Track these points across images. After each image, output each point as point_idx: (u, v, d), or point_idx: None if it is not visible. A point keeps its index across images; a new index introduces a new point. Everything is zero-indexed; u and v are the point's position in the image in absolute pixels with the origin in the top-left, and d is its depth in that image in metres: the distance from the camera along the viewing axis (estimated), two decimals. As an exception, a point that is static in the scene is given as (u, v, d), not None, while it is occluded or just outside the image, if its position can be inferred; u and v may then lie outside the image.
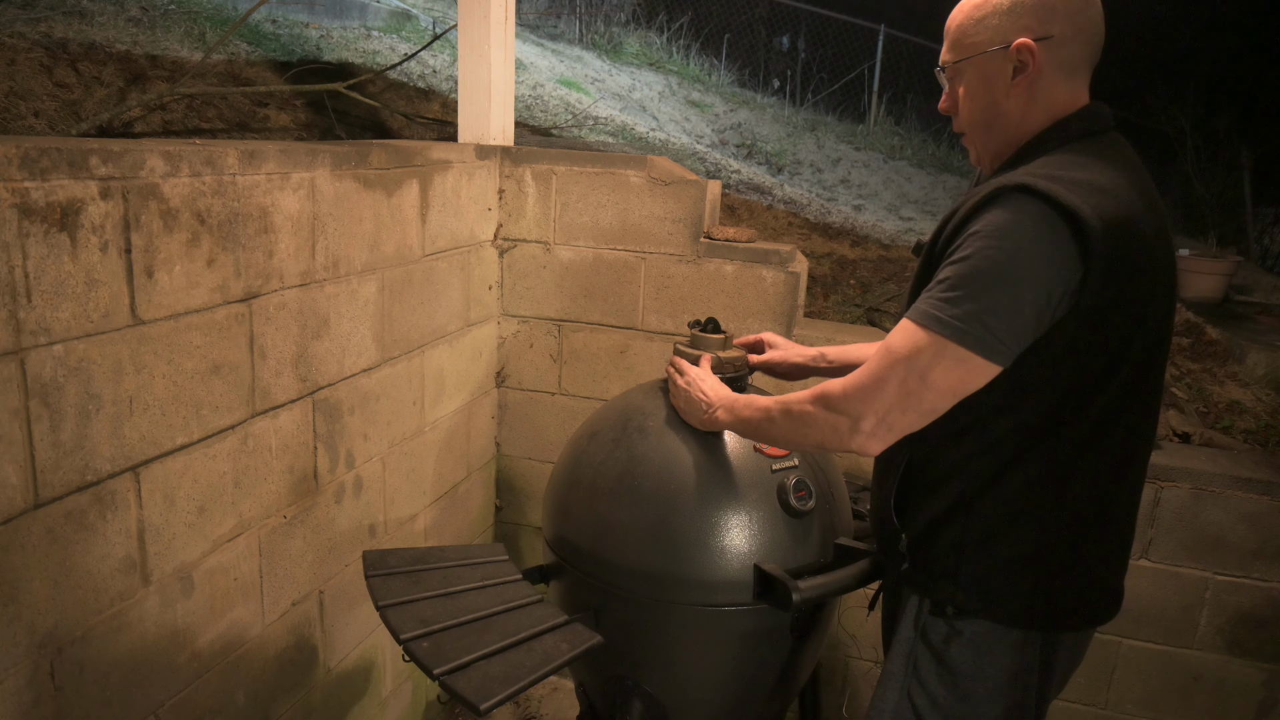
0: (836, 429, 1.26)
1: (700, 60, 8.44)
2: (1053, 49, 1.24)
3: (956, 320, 1.14)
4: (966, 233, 1.18)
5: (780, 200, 4.25)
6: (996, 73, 1.28)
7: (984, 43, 1.28)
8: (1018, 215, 1.14)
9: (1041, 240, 1.12)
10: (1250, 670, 2.28)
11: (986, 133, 1.33)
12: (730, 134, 6.33)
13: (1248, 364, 2.99)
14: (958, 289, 1.15)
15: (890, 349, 1.20)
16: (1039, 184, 1.13)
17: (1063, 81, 1.27)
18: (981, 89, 1.31)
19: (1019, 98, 1.28)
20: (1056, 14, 1.24)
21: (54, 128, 2.15)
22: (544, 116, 4.51)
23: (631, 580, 1.60)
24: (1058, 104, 1.28)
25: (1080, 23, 1.25)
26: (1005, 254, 1.13)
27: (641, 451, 1.65)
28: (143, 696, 1.47)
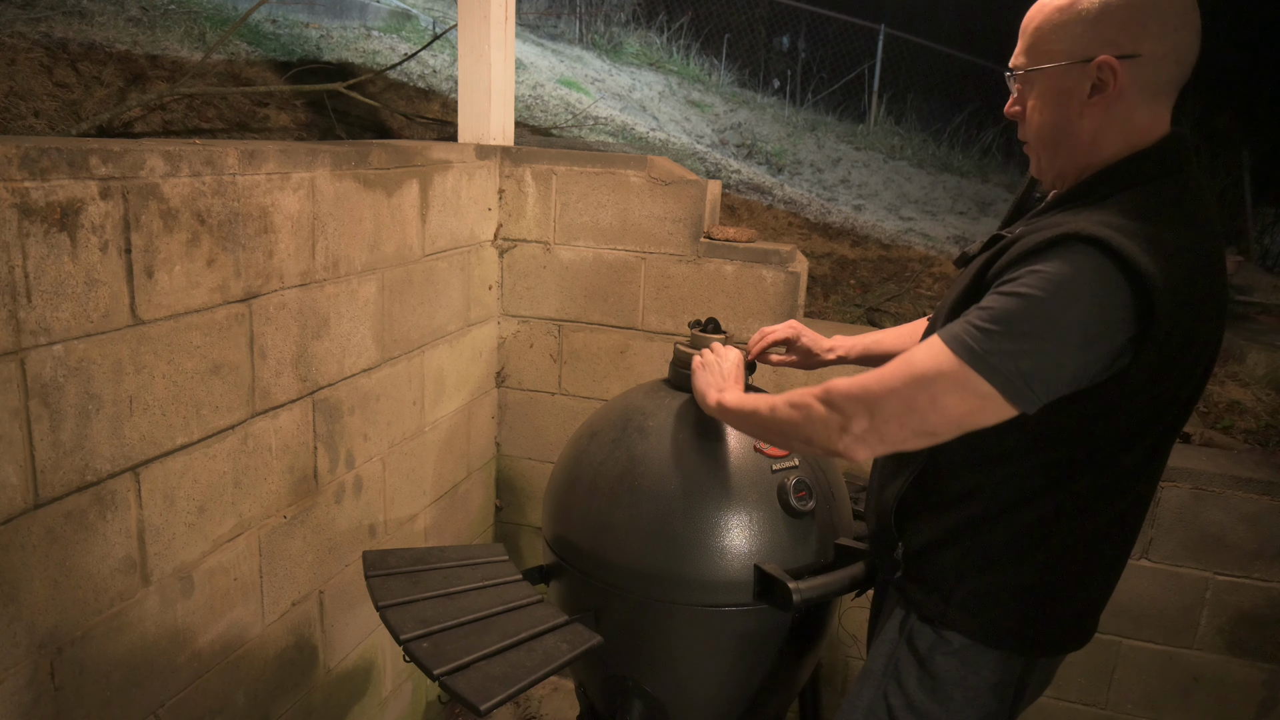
0: (828, 425, 1.20)
1: (700, 60, 8.44)
2: (1138, 69, 1.11)
3: (990, 355, 1.07)
4: (1025, 268, 1.10)
5: (780, 200, 4.25)
6: (1072, 88, 1.15)
7: (1062, 53, 1.15)
8: (1083, 267, 1.05)
9: (1101, 299, 1.05)
10: (1250, 670, 2.28)
11: (1053, 150, 1.22)
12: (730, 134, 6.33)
13: (1248, 364, 2.99)
14: (999, 323, 1.08)
15: (911, 362, 1.15)
16: (1113, 239, 1.04)
17: (1144, 105, 1.15)
18: (1053, 103, 1.19)
19: (1093, 118, 1.16)
20: (1149, 30, 1.10)
21: (54, 128, 2.15)
22: (544, 116, 4.51)
23: (631, 580, 1.60)
24: (1136, 130, 1.16)
25: (1174, 41, 1.11)
26: (1059, 302, 1.05)
27: (641, 451, 1.65)
28: (143, 696, 1.47)
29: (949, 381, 1.10)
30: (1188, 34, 1.12)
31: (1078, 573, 1.28)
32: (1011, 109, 1.27)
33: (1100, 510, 1.24)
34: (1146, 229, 1.07)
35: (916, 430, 1.15)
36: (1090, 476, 1.21)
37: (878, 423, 1.16)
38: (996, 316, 1.09)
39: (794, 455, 1.67)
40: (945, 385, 1.11)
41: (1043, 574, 1.26)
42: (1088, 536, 1.26)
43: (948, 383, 1.11)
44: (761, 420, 1.35)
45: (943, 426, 1.14)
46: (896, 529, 1.37)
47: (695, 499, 1.58)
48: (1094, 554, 1.28)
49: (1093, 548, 1.27)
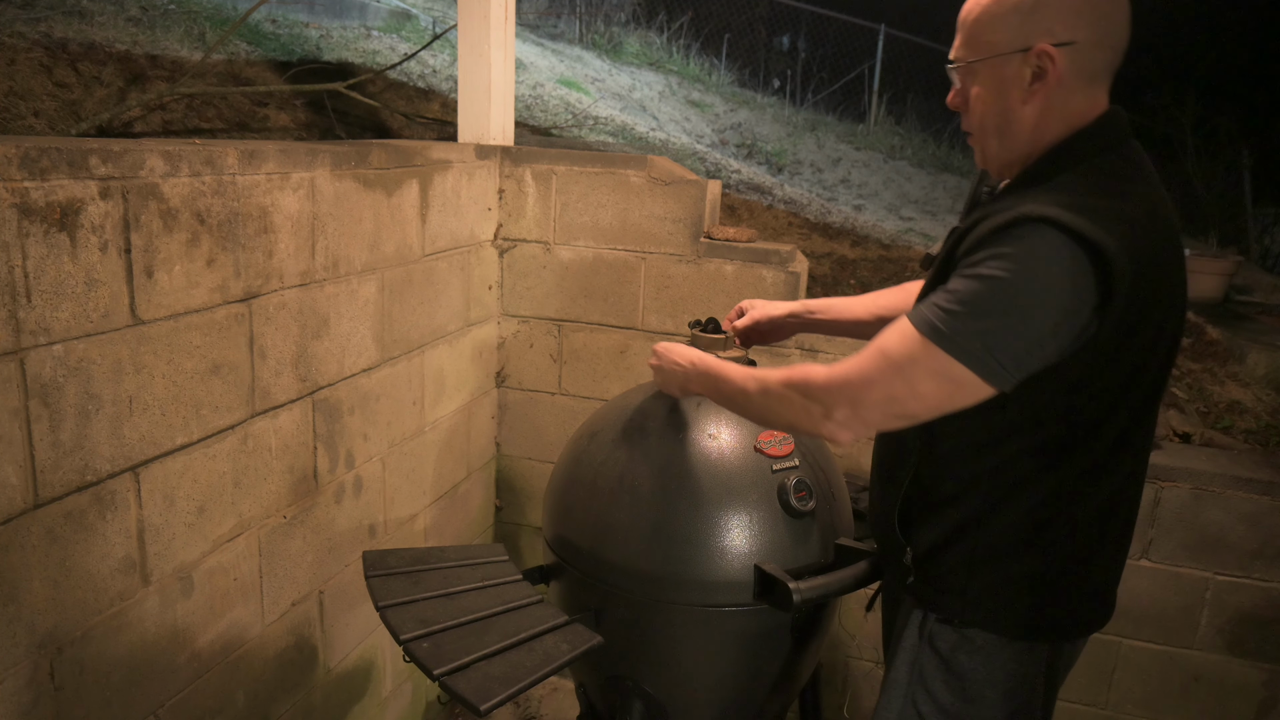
0: (809, 414, 1.24)
1: (700, 60, 8.44)
2: (1075, 55, 1.16)
3: (958, 336, 1.10)
4: (985, 251, 1.13)
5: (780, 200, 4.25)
6: (1013, 77, 1.19)
7: (1002, 43, 1.19)
8: (1038, 246, 1.08)
9: (1061, 274, 1.08)
10: (1250, 670, 2.28)
11: (999, 139, 1.26)
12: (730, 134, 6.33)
13: (1248, 364, 2.99)
14: (965, 304, 1.11)
15: (884, 351, 1.17)
16: (1063, 217, 1.08)
17: (1082, 90, 1.19)
18: (995, 93, 1.22)
19: (1035, 105, 1.20)
20: (1083, 17, 1.15)
21: (54, 128, 2.15)
22: (544, 116, 4.51)
23: (632, 580, 1.60)
24: (1075, 113, 1.20)
25: (1106, 27, 1.17)
26: (1021, 280, 1.09)
27: (642, 451, 1.65)
28: (143, 696, 1.47)
29: (925, 368, 1.13)
30: (1119, 19, 1.18)
31: (1085, 553, 1.29)
32: (954, 101, 1.31)
33: (1095, 488, 1.25)
34: (1095, 202, 1.11)
35: (897, 415, 1.19)
36: (1079, 454, 1.22)
37: (859, 410, 1.20)
38: (962, 297, 1.12)
39: (794, 455, 1.67)
40: (920, 371, 1.14)
41: (1051, 559, 1.27)
42: (1088, 516, 1.27)
43: (922, 369, 1.14)
44: (743, 401, 1.39)
45: (922, 410, 1.18)
46: (902, 534, 1.37)
47: (695, 499, 1.58)
48: (1098, 533, 1.29)
49: (1095, 527, 1.28)
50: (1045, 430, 1.22)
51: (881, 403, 1.18)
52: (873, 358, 1.18)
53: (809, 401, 1.24)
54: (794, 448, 1.67)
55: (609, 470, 1.66)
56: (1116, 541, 1.34)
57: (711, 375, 1.47)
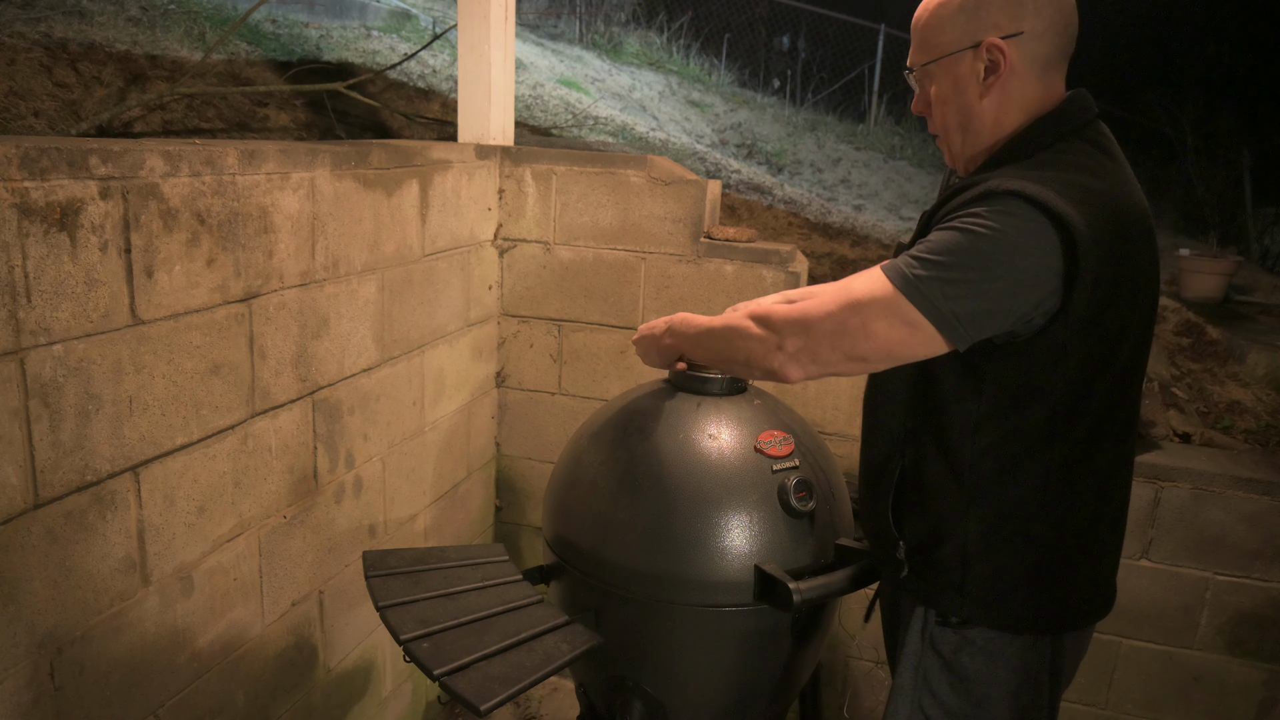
0: (764, 344, 1.25)
1: (700, 60, 8.44)
2: (1024, 45, 1.20)
3: (921, 283, 1.13)
4: (957, 215, 1.17)
5: (780, 200, 4.25)
6: (967, 74, 1.24)
7: (951, 43, 1.24)
8: (1006, 215, 1.11)
9: (1028, 244, 1.11)
10: (1250, 670, 2.28)
11: (962, 135, 1.29)
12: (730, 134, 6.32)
13: (1248, 364, 2.99)
14: (934, 253, 1.14)
15: (849, 287, 1.20)
16: (1028, 188, 1.11)
17: (1036, 79, 1.23)
18: (953, 91, 1.26)
19: (993, 99, 1.24)
20: (1025, 8, 1.19)
21: (54, 128, 2.15)
22: (544, 116, 4.51)
23: (632, 581, 1.60)
24: (1033, 101, 1.24)
25: (1050, 14, 1.20)
26: (989, 241, 1.11)
27: (642, 451, 1.65)
28: (143, 696, 1.47)
29: (880, 307, 1.15)
30: (1064, 6, 1.21)
31: (1077, 543, 1.29)
32: (918, 106, 1.35)
33: (1080, 476, 1.25)
34: (1059, 176, 1.14)
35: (848, 354, 1.20)
36: (1059, 441, 1.22)
37: (811, 343, 1.21)
38: (931, 248, 1.15)
39: (794, 455, 1.67)
40: (877, 310, 1.16)
41: (1045, 548, 1.27)
42: (1077, 505, 1.27)
43: (879, 308, 1.15)
44: (708, 339, 1.41)
45: (873, 352, 1.18)
46: (895, 528, 1.37)
47: (695, 499, 1.58)
48: (1089, 522, 1.29)
49: (1085, 516, 1.29)
50: (1021, 416, 1.22)
51: (832, 335, 1.19)
52: (835, 292, 1.21)
53: (766, 332, 1.25)
54: (794, 448, 1.67)
55: (609, 470, 1.66)
56: (1110, 530, 1.35)
57: (679, 323, 1.51)
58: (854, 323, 1.17)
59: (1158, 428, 2.45)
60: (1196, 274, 3.88)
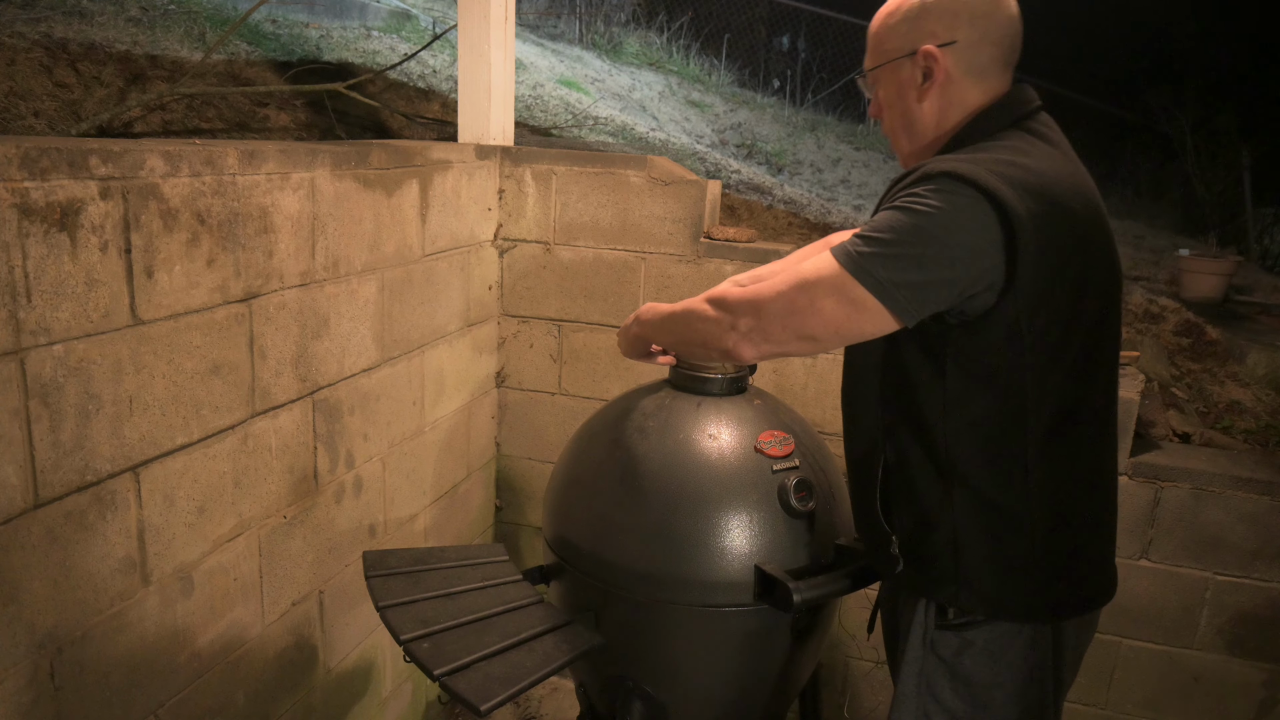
0: (719, 324, 1.30)
1: (700, 60, 8.44)
2: (959, 54, 1.27)
3: (863, 259, 1.17)
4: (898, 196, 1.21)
5: (780, 200, 4.25)
6: (908, 79, 1.31)
7: (894, 50, 1.32)
8: (944, 193, 1.16)
9: (964, 218, 1.15)
10: (1250, 670, 2.28)
11: (907, 136, 1.37)
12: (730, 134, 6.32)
13: (1248, 364, 2.99)
14: (876, 231, 1.18)
15: (799, 269, 1.24)
16: (960, 168, 1.16)
17: (974, 84, 1.29)
18: (896, 95, 1.34)
19: (932, 102, 1.31)
20: (960, 19, 1.26)
21: (54, 128, 2.15)
22: (544, 116, 4.50)
23: (632, 581, 1.60)
24: (972, 105, 1.30)
25: (985, 26, 1.26)
26: (926, 217, 1.15)
27: (641, 451, 1.65)
28: (143, 696, 1.47)
29: (828, 285, 1.19)
30: (999, 17, 1.27)
31: (1071, 522, 1.30)
32: (873, 110, 1.43)
33: (1065, 453, 1.27)
34: (992, 158, 1.19)
35: (798, 332, 1.23)
36: (1035, 416, 1.23)
37: (763, 322, 1.25)
38: (875, 227, 1.19)
39: (794, 455, 1.67)
40: (824, 289, 1.19)
41: (1035, 531, 1.28)
42: (1065, 483, 1.28)
43: (827, 286, 1.19)
44: (669, 324, 1.47)
45: (821, 330, 1.22)
46: (886, 523, 1.38)
47: (695, 499, 1.58)
48: (1080, 500, 1.31)
49: (1075, 493, 1.30)
50: (987, 397, 1.24)
51: (782, 314, 1.23)
52: (786, 274, 1.25)
53: (721, 313, 1.30)
54: (794, 448, 1.67)
55: (609, 470, 1.66)
56: (1103, 510, 1.36)
57: (645, 312, 1.56)
58: (802, 301, 1.21)
59: (1158, 428, 2.45)
60: (1196, 274, 3.88)
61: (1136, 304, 3.33)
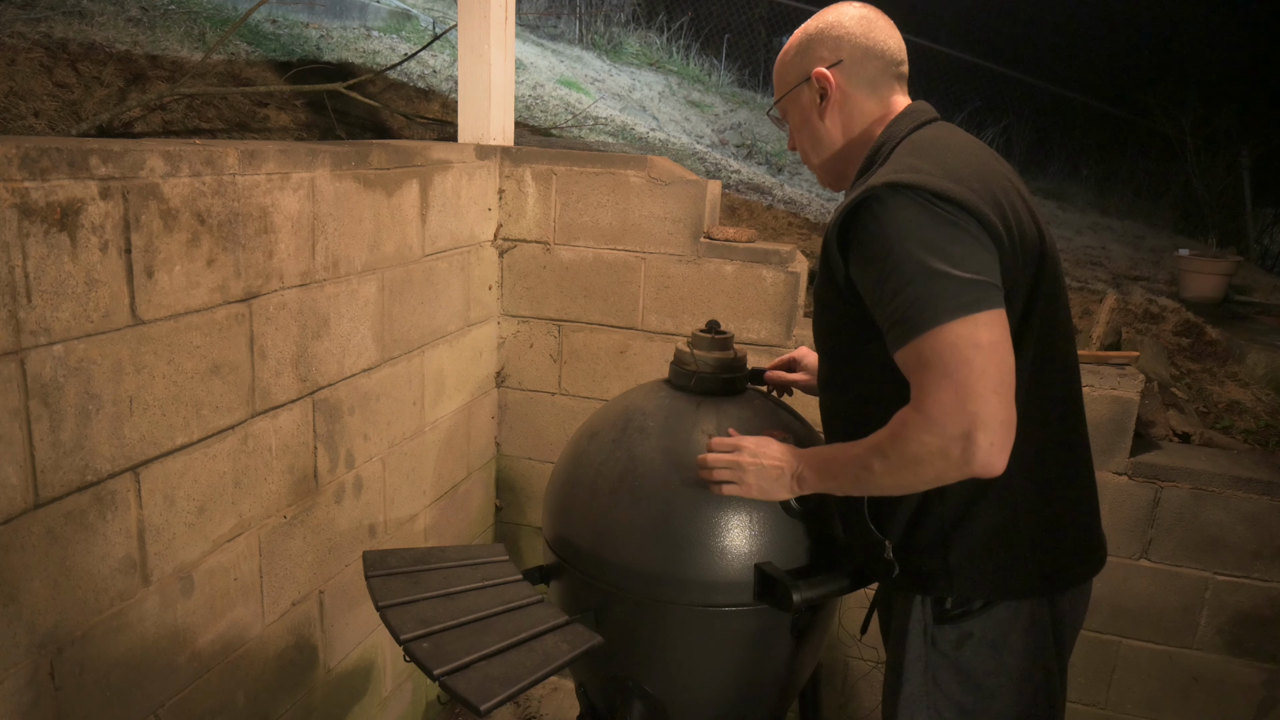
0: (946, 451, 1.14)
1: (700, 60, 8.43)
2: (847, 71, 1.41)
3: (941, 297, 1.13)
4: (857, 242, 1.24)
5: (780, 200, 4.25)
6: (809, 102, 1.45)
7: (792, 80, 1.47)
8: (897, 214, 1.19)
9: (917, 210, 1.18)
10: (1250, 670, 2.28)
11: (816, 154, 1.49)
12: (730, 134, 6.32)
13: (1248, 364, 2.99)
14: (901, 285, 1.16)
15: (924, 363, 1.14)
16: (900, 178, 1.20)
17: (869, 96, 1.42)
18: (801, 119, 1.48)
19: (832, 119, 1.44)
20: (842, 41, 1.41)
21: (54, 128, 2.15)
22: (544, 116, 4.51)
23: (632, 580, 1.60)
24: (870, 114, 1.42)
25: (865, 44, 1.40)
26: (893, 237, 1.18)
27: (642, 451, 1.65)
28: (143, 696, 1.47)
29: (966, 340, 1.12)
30: (877, 35, 1.41)
31: (1050, 494, 1.34)
32: (790, 142, 1.54)
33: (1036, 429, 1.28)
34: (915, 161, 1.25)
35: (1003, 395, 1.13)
36: None
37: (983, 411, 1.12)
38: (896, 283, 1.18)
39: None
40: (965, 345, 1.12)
41: (1012, 510, 1.30)
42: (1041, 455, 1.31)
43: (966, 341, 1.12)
44: (869, 476, 1.27)
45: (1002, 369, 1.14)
46: (876, 529, 1.39)
47: (695, 499, 1.58)
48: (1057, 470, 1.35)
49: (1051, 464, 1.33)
50: None
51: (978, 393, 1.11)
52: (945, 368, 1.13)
53: (932, 437, 1.14)
54: (794, 448, 1.67)
55: (609, 470, 1.66)
56: (1077, 484, 1.39)
57: (821, 466, 1.39)
58: (977, 366, 1.11)
59: (1157, 428, 2.45)
60: (1196, 274, 3.88)
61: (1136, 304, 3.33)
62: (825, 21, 1.44)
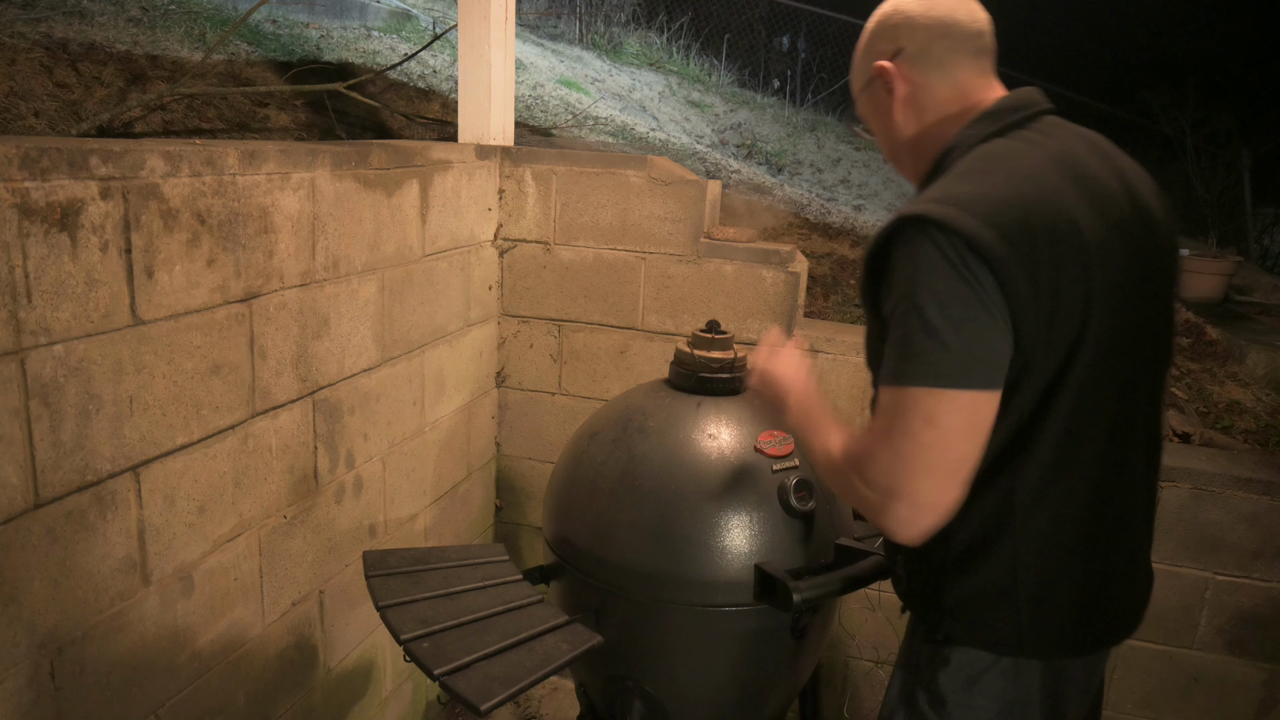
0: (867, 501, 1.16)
1: (700, 60, 8.43)
2: (910, 60, 1.30)
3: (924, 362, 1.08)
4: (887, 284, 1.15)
5: (780, 200, 4.25)
6: (879, 100, 1.36)
7: (861, 81, 1.39)
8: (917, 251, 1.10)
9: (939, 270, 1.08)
10: (1250, 670, 2.28)
11: (898, 155, 1.40)
12: (730, 134, 6.32)
13: (1248, 364, 2.99)
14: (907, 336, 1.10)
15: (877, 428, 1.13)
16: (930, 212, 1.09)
17: (939, 78, 1.29)
18: (876, 119, 1.40)
19: (903, 113, 1.33)
20: (900, 29, 1.31)
21: (54, 128, 2.15)
22: (544, 116, 4.50)
23: (632, 580, 1.60)
24: (946, 101, 1.29)
25: (926, 24, 1.29)
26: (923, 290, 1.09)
27: (642, 451, 1.65)
28: (143, 696, 1.47)
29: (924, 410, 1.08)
30: (939, 13, 1.29)
31: (1062, 560, 1.22)
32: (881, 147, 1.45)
33: (1055, 494, 1.19)
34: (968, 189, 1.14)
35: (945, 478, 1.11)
36: (1025, 456, 1.17)
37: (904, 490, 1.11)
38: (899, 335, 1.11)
39: (794, 455, 1.67)
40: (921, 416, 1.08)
41: (1019, 569, 1.20)
42: (1064, 514, 1.20)
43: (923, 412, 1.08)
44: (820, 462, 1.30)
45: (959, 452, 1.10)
46: (893, 547, 1.36)
47: (695, 499, 1.58)
48: (1083, 531, 1.22)
49: (1076, 523, 1.21)
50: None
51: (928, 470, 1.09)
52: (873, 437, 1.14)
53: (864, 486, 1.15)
54: (794, 448, 1.67)
55: (609, 470, 1.67)
56: (1109, 545, 1.26)
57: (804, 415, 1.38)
58: (923, 441, 1.08)
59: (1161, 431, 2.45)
60: (1196, 274, 3.88)
61: (1136, 304, 3.32)
62: (883, 10, 1.33)
